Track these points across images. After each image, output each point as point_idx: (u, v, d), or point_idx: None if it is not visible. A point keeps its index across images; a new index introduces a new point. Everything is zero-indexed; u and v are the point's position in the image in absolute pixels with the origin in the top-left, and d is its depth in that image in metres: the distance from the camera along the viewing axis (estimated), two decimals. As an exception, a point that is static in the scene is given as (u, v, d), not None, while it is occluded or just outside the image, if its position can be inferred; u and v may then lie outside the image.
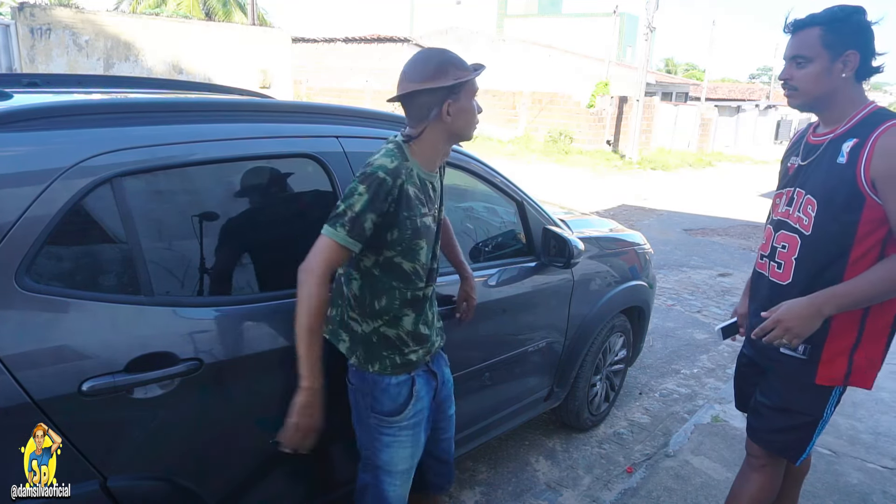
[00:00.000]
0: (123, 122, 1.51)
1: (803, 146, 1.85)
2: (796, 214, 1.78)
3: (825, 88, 1.70)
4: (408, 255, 1.58)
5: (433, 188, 1.65)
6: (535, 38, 29.13)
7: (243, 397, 1.62)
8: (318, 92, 21.89)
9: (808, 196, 1.75)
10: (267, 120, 1.82)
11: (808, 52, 1.68)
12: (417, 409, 1.70)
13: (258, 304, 1.67)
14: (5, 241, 1.27)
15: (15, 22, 11.04)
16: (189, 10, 18.30)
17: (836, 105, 1.72)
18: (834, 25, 1.65)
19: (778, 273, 1.83)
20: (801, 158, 1.83)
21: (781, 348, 1.79)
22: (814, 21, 1.67)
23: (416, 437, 1.72)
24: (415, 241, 1.57)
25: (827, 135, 1.75)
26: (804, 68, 1.69)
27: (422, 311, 1.68)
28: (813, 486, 2.76)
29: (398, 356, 1.64)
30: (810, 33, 1.68)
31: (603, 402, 3.27)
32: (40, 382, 1.28)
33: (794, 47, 1.71)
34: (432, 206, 1.64)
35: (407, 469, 1.74)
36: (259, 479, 1.74)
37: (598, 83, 19.30)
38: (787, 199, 1.84)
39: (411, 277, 1.60)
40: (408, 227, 1.55)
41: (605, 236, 3.18)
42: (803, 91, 1.72)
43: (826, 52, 1.66)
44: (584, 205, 9.20)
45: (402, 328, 1.64)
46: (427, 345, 1.71)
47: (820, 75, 1.68)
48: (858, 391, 3.71)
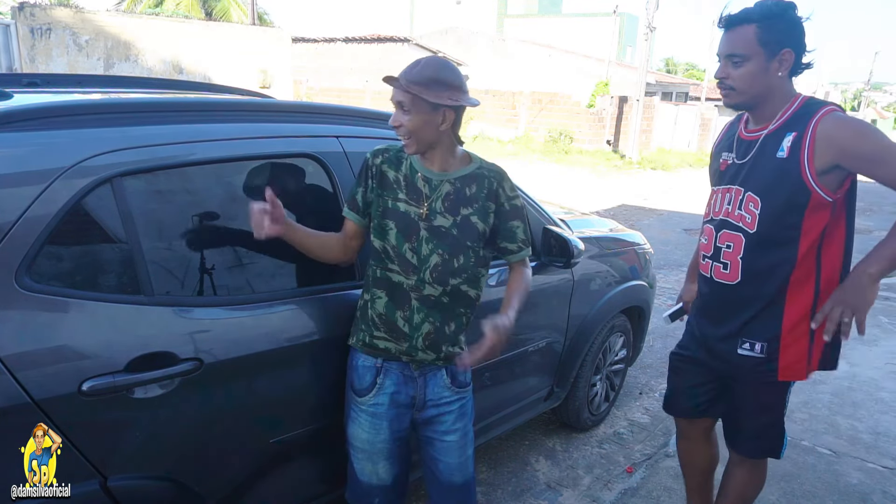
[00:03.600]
0: (123, 122, 1.51)
1: (736, 142, 1.83)
2: (738, 213, 1.76)
3: (761, 87, 1.69)
4: (378, 232, 1.66)
5: (427, 185, 1.64)
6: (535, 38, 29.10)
7: (243, 397, 1.62)
8: (318, 92, 21.88)
9: (750, 193, 1.73)
10: (267, 120, 1.82)
11: (744, 51, 1.66)
12: (378, 402, 1.69)
13: (258, 304, 1.67)
14: (5, 241, 1.27)
15: (15, 22, 11.04)
16: (188, 9, 18.29)
17: (769, 102, 1.72)
18: (769, 23, 1.63)
19: (724, 273, 1.81)
20: (735, 155, 1.81)
21: (739, 349, 1.82)
22: (749, 17, 1.65)
23: (375, 426, 1.69)
24: (384, 220, 1.65)
25: (760, 130, 1.75)
26: (741, 67, 1.67)
27: (398, 299, 1.65)
28: (813, 485, 2.76)
29: (367, 336, 1.69)
30: (745, 30, 1.65)
31: (603, 401, 3.27)
32: (40, 382, 1.28)
33: (729, 45, 1.69)
34: (418, 198, 1.63)
35: (366, 450, 1.71)
36: (259, 478, 1.74)
37: (598, 83, 19.30)
38: (725, 197, 1.82)
39: (381, 256, 1.66)
40: (379, 204, 1.66)
41: (606, 236, 3.18)
42: (740, 91, 1.70)
43: (762, 50, 1.64)
44: (584, 205, 9.20)
45: (375, 309, 1.67)
46: (402, 343, 1.65)
47: (756, 75, 1.67)
48: (858, 391, 3.72)
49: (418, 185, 1.64)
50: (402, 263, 1.63)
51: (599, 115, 18.93)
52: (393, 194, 1.65)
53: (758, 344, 1.79)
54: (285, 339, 1.69)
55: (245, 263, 1.76)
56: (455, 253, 1.64)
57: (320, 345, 1.76)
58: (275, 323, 1.68)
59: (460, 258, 1.64)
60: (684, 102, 25.89)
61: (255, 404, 1.66)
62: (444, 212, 1.64)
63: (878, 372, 4.03)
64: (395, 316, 1.65)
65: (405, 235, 1.63)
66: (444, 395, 1.74)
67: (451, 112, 1.58)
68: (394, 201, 1.64)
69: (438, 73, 1.55)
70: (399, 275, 1.64)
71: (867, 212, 11.40)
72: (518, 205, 1.72)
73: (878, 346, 4.58)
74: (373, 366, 1.70)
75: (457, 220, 1.64)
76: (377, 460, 1.73)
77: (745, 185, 1.75)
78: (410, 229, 1.63)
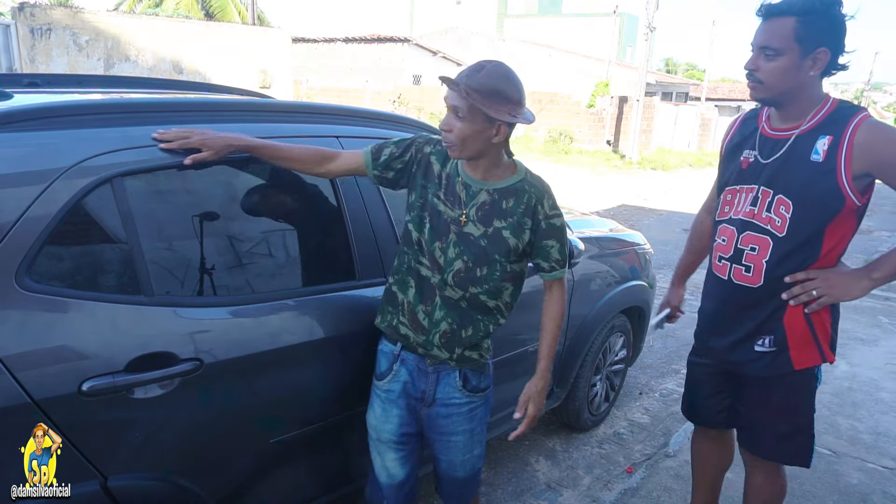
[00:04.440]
0: (123, 122, 1.51)
1: (759, 140, 1.76)
2: (765, 215, 1.70)
3: (791, 84, 1.62)
4: (416, 223, 1.65)
5: (466, 191, 1.62)
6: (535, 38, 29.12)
7: (243, 397, 1.62)
8: (318, 92, 21.89)
9: (781, 196, 1.68)
10: (267, 120, 1.82)
11: (779, 44, 1.58)
12: (391, 388, 1.74)
13: (258, 304, 1.67)
14: (5, 241, 1.27)
15: (15, 22, 11.05)
16: (188, 9, 18.28)
17: (799, 101, 1.66)
18: (810, 18, 1.56)
19: (746, 276, 1.76)
20: (759, 153, 1.74)
21: (756, 347, 1.78)
22: (790, 10, 1.57)
23: (385, 411, 1.75)
24: (423, 212, 1.65)
25: (791, 130, 1.69)
26: (772, 61, 1.60)
27: (425, 293, 1.66)
28: (813, 486, 2.76)
29: (391, 316, 1.71)
30: (784, 23, 1.58)
31: (603, 402, 3.27)
32: (40, 382, 1.28)
33: (764, 36, 1.61)
34: (455, 203, 1.62)
35: (374, 438, 1.78)
36: (259, 478, 1.74)
37: (598, 83, 19.31)
38: (748, 197, 1.75)
39: (415, 247, 1.66)
40: (421, 195, 1.66)
41: (605, 236, 3.18)
42: (769, 85, 1.63)
43: (797, 46, 1.57)
44: (584, 205, 9.19)
45: (407, 295, 1.68)
46: (420, 335, 1.67)
47: (788, 71, 1.60)
48: (858, 391, 3.72)
49: (457, 190, 1.62)
50: (431, 260, 1.64)
51: (599, 115, 18.93)
52: (434, 189, 1.65)
53: (767, 338, 1.77)
54: (286, 339, 1.69)
55: (245, 263, 1.76)
56: (479, 263, 1.62)
57: (321, 344, 1.76)
58: (275, 323, 1.68)
59: (484, 269, 1.62)
60: (684, 102, 25.92)
61: (255, 404, 1.65)
62: (477, 221, 1.61)
63: (878, 372, 4.03)
64: (419, 308, 1.67)
65: (437, 234, 1.63)
66: (455, 396, 1.74)
67: (505, 127, 1.54)
68: (434, 197, 1.64)
69: (501, 86, 1.49)
70: (427, 269, 1.65)
71: (868, 212, 11.39)
72: (557, 224, 1.66)
73: (878, 346, 4.58)
74: (391, 352, 1.74)
75: (488, 231, 1.61)
76: (384, 451, 1.76)
77: (774, 186, 1.69)
78: (442, 229, 1.63)
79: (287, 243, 1.86)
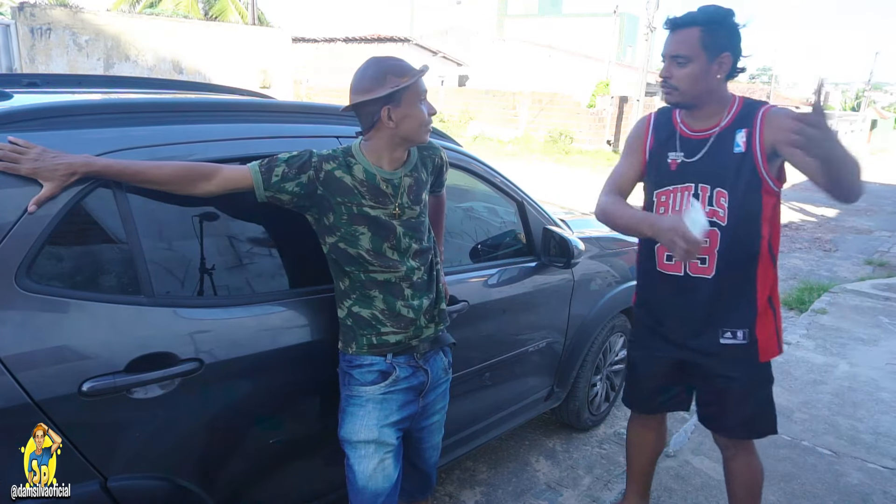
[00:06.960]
0: (123, 122, 1.51)
1: (679, 141, 1.91)
2: (709, 209, 1.85)
3: (702, 88, 1.80)
4: (349, 240, 1.63)
5: (389, 185, 1.64)
6: (536, 38, 29.11)
7: (243, 397, 1.62)
8: (318, 92, 21.88)
9: (718, 189, 1.83)
10: (267, 120, 1.82)
11: (688, 52, 1.76)
12: (389, 390, 1.68)
13: (258, 305, 1.67)
14: (5, 241, 1.27)
15: (15, 22, 11.04)
16: (188, 9, 18.28)
17: (710, 102, 1.84)
18: (712, 27, 1.74)
19: (702, 268, 1.89)
20: (683, 154, 1.89)
21: (721, 339, 1.89)
22: (695, 21, 1.75)
23: (383, 411, 1.67)
24: (353, 226, 1.62)
25: (710, 129, 1.85)
26: (684, 68, 1.78)
27: (395, 292, 1.66)
28: (813, 486, 2.76)
29: (374, 336, 1.66)
30: (690, 33, 1.76)
31: (603, 402, 3.27)
32: (40, 382, 1.28)
33: (674, 46, 1.79)
34: (385, 200, 1.63)
35: (370, 440, 1.66)
36: (259, 479, 1.74)
37: (598, 83, 19.30)
38: (685, 195, 1.89)
39: (360, 262, 1.64)
40: (343, 212, 1.62)
41: (606, 236, 3.18)
42: (683, 90, 1.81)
43: (704, 52, 1.75)
44: (585, 205, 9.16)
45: (376, 307, 1.66)
46: (411, 329, 1.68)
47: (698, 75, 1.78)
48: (858, 391, 3.72)
49: (381, 188, 1.64)
50: (384, 262, 1.65)
51: (599, 115, 18.93)
52: (355, 200, 1.61)
53: (739, 332, 1.89)
54: (286, 340, 1.69)
55: (245, 263, 1.76)
56: (422, 232, 1.72)
57: (321, 345, 1.76)
58: (275, 323, 1.68)
59: (423, 233, 1.73)
60: (684, 102, 25.86)
61: (255, 405, 1.66)
62: (412, 204, 1.68)
63: (878, 372, 4.03)
64: (397, 306, 1.66)
65: (381, 237, 1.64)
66: (441, 376, 1.82)
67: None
68: (358, 208, 1.62)
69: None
70: (384, 272, 1.65)
71: (868, 212, 11.41)
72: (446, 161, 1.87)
73: (878, 346, 4.58)
74: (382, 362, 1.68)
75: (421, 205, 1.71)
76: (380, 451, 1.67)
77: (707, 181, 1.85)
78: (386, 230, 1.64)
79: (287, 243, 1.86)
